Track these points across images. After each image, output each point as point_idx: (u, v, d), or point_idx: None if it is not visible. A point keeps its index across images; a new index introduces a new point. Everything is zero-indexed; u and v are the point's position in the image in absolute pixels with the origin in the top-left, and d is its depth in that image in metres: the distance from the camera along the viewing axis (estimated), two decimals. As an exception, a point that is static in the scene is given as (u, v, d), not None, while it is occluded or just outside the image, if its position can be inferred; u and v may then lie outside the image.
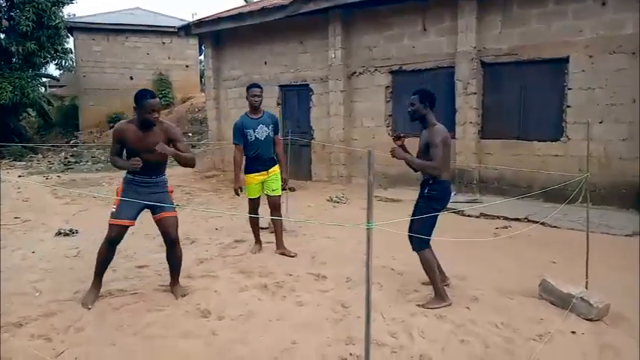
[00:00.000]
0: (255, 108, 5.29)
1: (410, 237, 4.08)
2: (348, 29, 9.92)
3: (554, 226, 6.64)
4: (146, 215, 4.18)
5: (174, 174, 12.77)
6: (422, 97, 4.11)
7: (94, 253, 5.43)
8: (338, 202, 8.59)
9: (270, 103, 11.50)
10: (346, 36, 9.92)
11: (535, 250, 5.62)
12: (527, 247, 5.77)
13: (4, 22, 17.53)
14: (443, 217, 7.26)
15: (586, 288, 3.94)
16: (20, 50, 16.88)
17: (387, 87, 9.55)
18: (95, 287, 4.05)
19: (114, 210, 3.95)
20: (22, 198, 9.30)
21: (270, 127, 5.36)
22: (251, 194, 5.47)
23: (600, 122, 7.25)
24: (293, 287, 4.32)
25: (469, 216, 7.38)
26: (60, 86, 29.26)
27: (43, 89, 29.74)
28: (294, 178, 10.43)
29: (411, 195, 8.93)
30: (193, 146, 17.57)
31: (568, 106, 7.54)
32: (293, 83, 11.10)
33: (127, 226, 3.99)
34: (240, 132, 5.24)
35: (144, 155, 3.86)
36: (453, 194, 8.51)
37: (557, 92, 7.68)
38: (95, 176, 12.67)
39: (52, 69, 25.30)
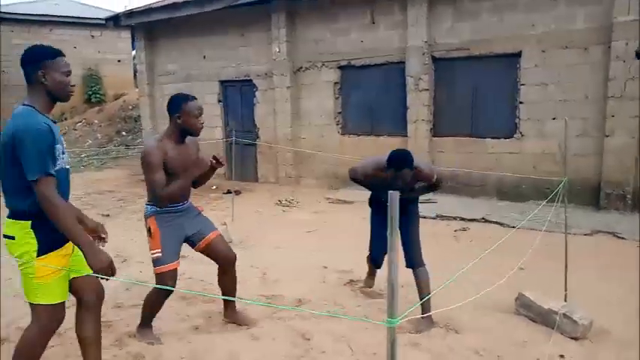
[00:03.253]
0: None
1: (412, 254, 3.64)
2: (292, 21, 9.36)
3: (513, 227, 6.41)
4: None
5: (104, 178, 11.77)
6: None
7: (4, 280, 4.63)
8: (288, 206, 8.05)
9: (211, 100, 10.77)
10: (291, 28, 9.36)
11: (499, 255, 5.28)
12: (491, 251, 5.48)
13: None
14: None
15: (565, 301, 3.63)
16: None
17: (336, 83, 9.09)
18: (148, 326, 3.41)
19: (158, 255, 3.16)
20: None
21: None
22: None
23: (553, 119, 7.12)
24: (244, 315, 3.75)
25: (424, 217, 7.02)
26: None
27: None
28: (240, 180, 9.79)
29: (363, 195, 8.62)
30: (127, 146, 16.44)
31: (521, 102, 7.38)
32: (235, 79, 10.41)
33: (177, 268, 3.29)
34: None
35: (183, 175, 3.10)
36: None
37: (509, 88, 7.50)
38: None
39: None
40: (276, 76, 9.55)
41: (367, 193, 4.10)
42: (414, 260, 3.60)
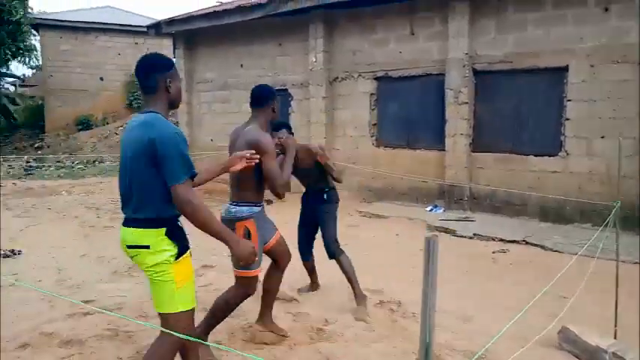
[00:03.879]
0: None
1: (327, 246, 4.14)
2: (330, 31, 9.27)
3: (556, 251, 6.07)
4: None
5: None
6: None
7: (35, 282, 4.66)
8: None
9: (247, 109, 10.74)
10: (328, 39, 9.27)
11: (540, 281, 5.00)
12: (531, 276, 5.18)
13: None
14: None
15: (615, 338, 3.33)
16: (-22, 47, 15.78)
17: (372, 94, 8.92)
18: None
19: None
20: (-33, 209, 8.34)
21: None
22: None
23: (602, 137, 6.74)
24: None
25: (462, 237, 6.77)
26: (30, 85, 27.93)
27: (12, 88, 28.36)
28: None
29: (397, 210, 8.42)
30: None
31: (567, 119, 7.02)
32: (271, 88, 10.36)
33: None
34: None
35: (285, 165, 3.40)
36: (441, 210, 8.00)
37: (555, 104, 7.16)
38: (54, 184, 11.71)
39: (17, 68, 24.10)
40: (312, 86, 9.47)
41: (401, 209, 3.90)
42: (333, 252, 4.12)
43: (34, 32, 19.62)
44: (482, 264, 5.61)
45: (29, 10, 17.82)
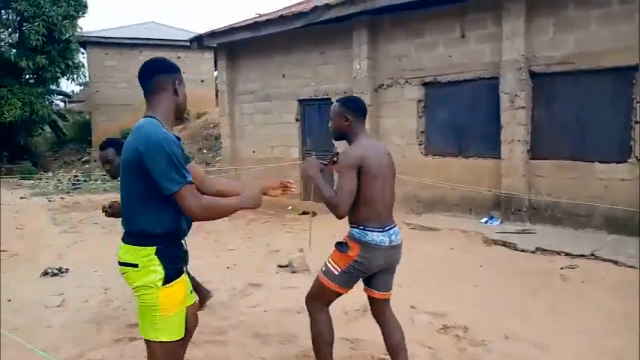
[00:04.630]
0: None
1: None
2: (374, 37, 8.98)
3: (630, 266, 5.52)
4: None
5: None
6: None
7: (81, 302, 4.54)
8: (366, 232, 7.56)
9: (288, 119, 10.62)
10: (372, 45, 8.98)
11: (618, 301, 4.52)
12: (606, 295, 4.69)
13: (15, 37, 17.05)
14: (492, 253, 6.33)
15: None
16: (30, 65, 16.31)
17: (420, 100, 8.56)
18: None
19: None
20: (17, 224, 8.46)
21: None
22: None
23: (679, 141, 6.15)
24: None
25: (523, 251, 6.30)
26: (78, 101, 28.92)
27: (62, 104, 29.44)
28: (315, 201, 9.46)
29: (449, 222, 7.97)
30: (207, 164, 16.74)
31: (637, 122, 6.46)
32: (313, 97, 10.18)
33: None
34: None
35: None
36: (497, 222, 7.52)
37: (623, 106, 6.60)
38: (100, 198, 11.84)
39: (67, 85, 24.95)
40: (355, 94, 9.17)
41: (452, 220, 3.54)
42: None
43: (82, 50, 20.21)
44: (550, 281, 5.14)
45: (78, 29, 18.36)
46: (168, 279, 2.06)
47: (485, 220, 7.57)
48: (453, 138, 8.24)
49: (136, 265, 2.06)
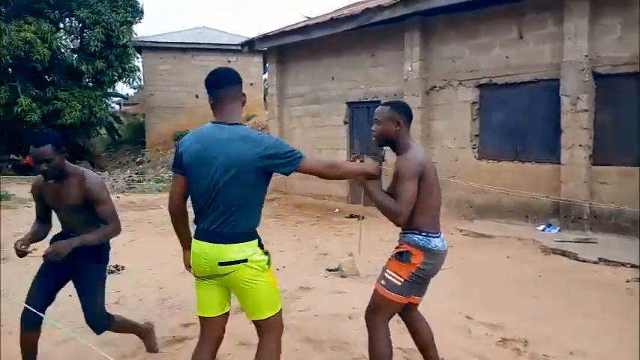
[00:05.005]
0: None
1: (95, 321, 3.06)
2: (427, 39, 8.81)
3: None
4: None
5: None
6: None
7: (137, 301, 4.64)
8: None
9: (337, 122, 10.57)
10: (425, 46, 8.81)
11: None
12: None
13: (76, 42, 17.87)
14: (551, 263, 6.04)
15: None
16: (90, 69, 17.05)
17: (474, 103, 8.31)
18: None
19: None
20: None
21: None
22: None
23: None
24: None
25: (584, 261, 5.98)
26: (133, 104, 30.09)
27: (117, 107, 30.70)
28: (363, 205, 9.37)
29: (504, 229, 7.70)
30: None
31: None
32: (362, 100, 10.10)
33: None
34: None
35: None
36: (556, 230, 7.19)
37: (697, 109, 6.17)
38: (154, 197, 12.20)
39: (122, 88, 25.95)
40: (406, 97, 9.02)
41: (509, 227, 3.35)
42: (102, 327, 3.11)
43: (137, 54, 20.96)
44: (615, 295, 4.84)
45: (134, 35, 19.05)
46: (269, 262, 2.37)
47: (542, 227, 7.25)
48: (508, 141, 7.96)
49: (245, 260, 2.26)
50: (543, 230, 7.17)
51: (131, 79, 19.64)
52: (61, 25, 17.87)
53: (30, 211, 8.04)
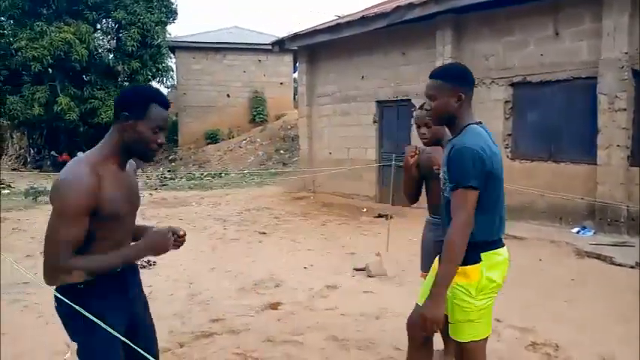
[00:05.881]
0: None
1: None
2: (459, 37, 8.68)
3: None
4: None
5: (263, 194, 12.20)
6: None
7: (167, 295, 4.73)
8: (446, 238, 7.31)
9: (366, 121, 10.53)
10: (457, 44, 8.68)
11: None
12: None
13: (112, 43, 18.38)
14: (585, 267, 5.87)
15: None
16: (125, 69, 17.50)
17: (507, 102, 8.15)
18: None
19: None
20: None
21: None
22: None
23: None
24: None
25: (620, 265, 5.78)
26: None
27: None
28: (391, 204, 9.30)
29: (536, 231, 7.53)
30: (284, 164, 17.07)
31: None
32: (392, 98, 10.02)
33: None
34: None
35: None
36: (590, 233, 6.98)
37: None
38: (185, 195, 12.42)
39: (157, 87, 26.49)
40: (437, 96, 8.93)
41: (542, 229, 3.26)
42: None
43: (171, 54, 21.38)
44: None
45: (168, 35, 19.45)
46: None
47: (576, 230, 7.05)
48: (542, 141, 7.76)
49: None
50: (577, 233, 6.97)
51: (165, 79, 20.09)
52: (99, 26, 18.41)
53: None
